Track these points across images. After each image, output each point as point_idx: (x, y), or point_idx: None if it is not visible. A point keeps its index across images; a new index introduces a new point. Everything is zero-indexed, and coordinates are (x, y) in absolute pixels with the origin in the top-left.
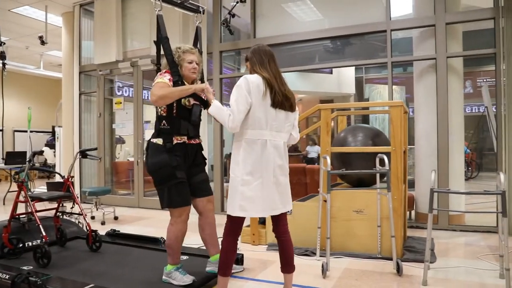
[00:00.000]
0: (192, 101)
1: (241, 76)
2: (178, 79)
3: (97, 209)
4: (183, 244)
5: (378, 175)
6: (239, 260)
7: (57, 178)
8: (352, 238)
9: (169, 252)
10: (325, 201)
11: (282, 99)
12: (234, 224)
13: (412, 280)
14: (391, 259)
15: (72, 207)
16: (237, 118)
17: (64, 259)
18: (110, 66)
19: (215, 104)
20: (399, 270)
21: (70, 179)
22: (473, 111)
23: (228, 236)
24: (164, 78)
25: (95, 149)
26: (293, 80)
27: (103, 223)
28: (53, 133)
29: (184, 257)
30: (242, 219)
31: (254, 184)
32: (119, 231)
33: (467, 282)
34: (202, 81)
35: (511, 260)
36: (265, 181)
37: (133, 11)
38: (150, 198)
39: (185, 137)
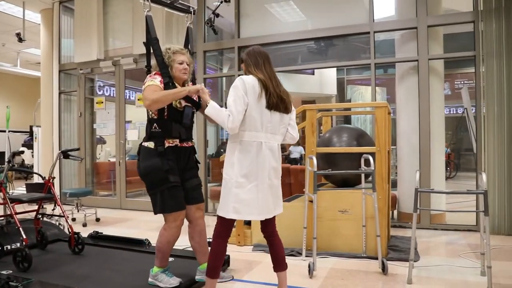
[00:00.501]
0: (183, 103)
1: (224, 76)
2: (168, 81)
3: (78, 211)
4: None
5: (363, 175)
6: (226, 262)
7: (36, 179)
8: (338, 237)
9: (158, 255)
10: (311, 201)
11: (277, 101)
12: (225, 226)
13: (397, 278)
14: (375, 258)
15: (54, 209)
16: (236, 118)
17: (46, 263)
18: (91, 65)
19: (212, 105)
20: (384, 269)
21: (51, 180)
22: (451, 112)
23: (217, 237)
24: (155, 80)
25: (77, 149)
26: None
27: (84, 225)
28: (30, 133)
29: (170, 259)
30: (233, 221)
31: (248, 187)
32: (102, 233)
33: (450, 280)
34: (194, 82)
35: (492, 258)
36: (260, 184)
37: (115, 9)
38: (132, 199)
39: (177, 140)
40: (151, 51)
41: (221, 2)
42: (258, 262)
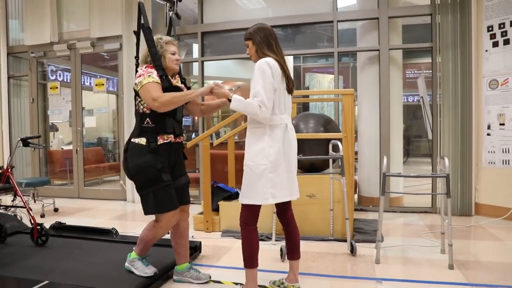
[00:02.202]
0: None
1: (188, 62)
2: (162, 74)
3: (35, 201)
4: (138, 234)
5: (331, 161)
6: (198, 248)
7: None
8: (306, 222)
9: (140, 244)
10: None
11: (291, 83)
12: (254, 212)
13: (365, 259)
14: (342, 240)
15: (14, 200)
16: (269, 107)
17: (7, 256)
18: (43, 48)
19: (235, 98)
20: (353, 251)
21: (9, 169)
22: (403, 100)
23: (247, 225)
24: (152, 75)
25: (38, 136)
26: (232, 67)
27: (42, 216)
28: None
29: None
30: (260, 207)
31: (280, 170)
32: (65, 223)
33: (413, 258)
34: (180, 74)
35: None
36: (288, 165)
37: None
38: (91, 188)
39: (172, 136)
40: (140, 41)
41: None
42: (228, 248)
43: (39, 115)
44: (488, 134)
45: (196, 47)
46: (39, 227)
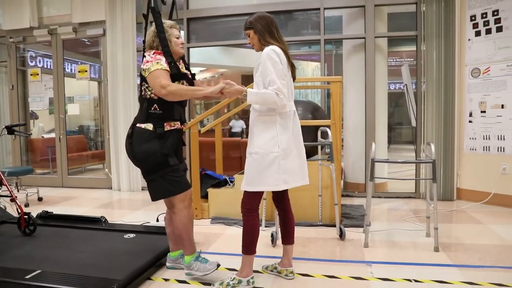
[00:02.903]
0: (185, 83)
1: None
2: (171, 60)
3: (18, 191)
4: (127, 222)
5: (319, 147)
6: None
7: None
8: (295, 207)
9: (182, 242)
10: None
11: (294, 70)
12: (257, 199)
13: (354, 243)
14: (331, 225)
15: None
16: (285, 94)
17: None
18: (23, 33)
19: (251, 92)
20: (342, 235)
21: None
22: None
23: (250, 211)
24: (161, 62)
25: (24, 124)
26: (215, 55)
27: (26, 205)
28: None
29: (131, 235)
30: (262, 193)
31: (292, 156)
32: (52, 212)
33: (400, 242)
34: (183, 58)
35: (433, 221)
36: (299, 150)
37: None
38: (75, 176)
39: (178, 123)
40: (147, 25)
41: None
42: (219, 234)
43: (19, 102)
44: (470, 121)
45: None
46: (26, 216)
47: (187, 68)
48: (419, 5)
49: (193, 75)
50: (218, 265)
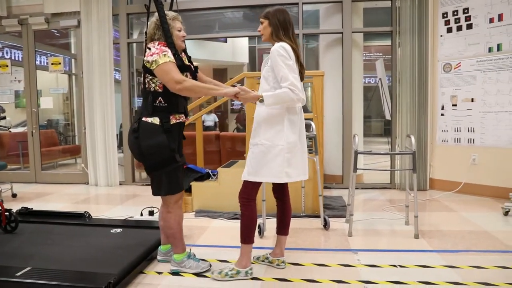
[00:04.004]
0: (189, 75)
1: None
2: (175, 52)
3: None
4: (112, 217)
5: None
6: None
7: None
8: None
9: (174, 241)
10: None
11: (303, 70)
12: (256, 189)
13: (338, 232)
14: (314, 216)
15: None
16: (300, 88)
17: None
18: None
19: (266, 95)
20: (326, 225)
21: None
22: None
23: (249, 201)
24: (168, 55)
25: (3, 118)
26: (188, 47)
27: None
28: None
29: (118, 230)
30: (261, 184)
31: (296, 150)
32: (32, 208)
33: (381, 230)
34: (185, 51)
35: (410, 210)
36: (302, 145)
37: None
38: (49, 172)
39: (183, 116)
40: (149, 16)
41: None
42: (205, 227)
43: None
44: (442, 115)
45: None
46: (7, 213)
47: (189, 61)
48: (394, 1)
49: (196, 67)
50: (210, 265)
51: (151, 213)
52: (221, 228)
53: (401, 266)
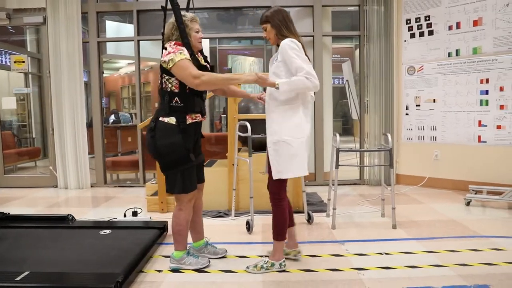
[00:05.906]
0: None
1: (122, 41)
2: (192, 52)
3: None
4: (99, 219)
5: None
6: (165, 228)
7: None
8: (260, 197)
9: (178, 238)
10: (233, 165)
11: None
12: (284, 187)
13: (321, 226)
14: (296, 212)
15: None
16: (315, 76)
17: None
18: None
19: (282, 82)
20: (310, 219)
21: None
22: None
23: (282, 200)
24: (183, 53)
25: None
26: (148, 48)
27: None
28: None
29: (107, 231)
30: (287, 180)
31: (308, 143)
32: (8, 213)
33: (361, 222)
34: (202, 52)
35: (389, 202)
36: (308, 139)
37: None
38: (12, 175)
39: (199, 115)
40: (166, 16)
41: None
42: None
43: None
44: (407, 114)
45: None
46: None
47: (206, 61)
48: (361, 7)
49: (212, 67)
50: (209, 261)
51: (134, 213)
52: (207, 227)
53: (386, 254)
